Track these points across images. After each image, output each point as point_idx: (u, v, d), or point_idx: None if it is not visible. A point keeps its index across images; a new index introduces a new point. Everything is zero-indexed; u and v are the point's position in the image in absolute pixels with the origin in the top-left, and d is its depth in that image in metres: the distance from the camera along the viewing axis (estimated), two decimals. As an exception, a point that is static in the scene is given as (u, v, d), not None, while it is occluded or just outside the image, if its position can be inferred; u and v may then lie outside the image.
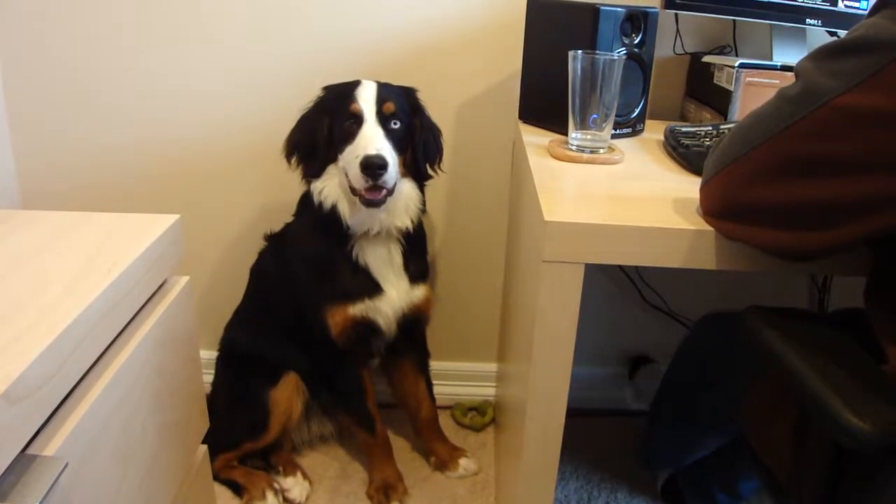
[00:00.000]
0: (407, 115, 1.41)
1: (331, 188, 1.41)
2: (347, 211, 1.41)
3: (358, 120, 1.35)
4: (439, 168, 1.49)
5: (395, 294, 1.50)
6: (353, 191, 1.36)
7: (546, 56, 1.39)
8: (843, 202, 0.78)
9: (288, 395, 1.60)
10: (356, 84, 1.38)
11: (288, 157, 1.44)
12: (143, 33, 1.63)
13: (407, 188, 1.44)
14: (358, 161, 1.30)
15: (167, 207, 1.73)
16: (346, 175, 1.36)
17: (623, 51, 1.34)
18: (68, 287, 0.77)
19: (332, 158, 1.40)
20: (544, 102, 1.44)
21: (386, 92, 1.38)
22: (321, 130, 1.39)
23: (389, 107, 1.37)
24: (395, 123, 1.38)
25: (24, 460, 0.63)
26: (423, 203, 1.48)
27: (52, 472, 0.63)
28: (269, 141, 1.66)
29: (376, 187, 1.32)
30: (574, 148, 1.24)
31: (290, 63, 1.66)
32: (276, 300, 1.60)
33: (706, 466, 1.51)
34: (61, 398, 0.70)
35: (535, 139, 1.36)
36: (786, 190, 0.81)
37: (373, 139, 1.32)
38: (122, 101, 1.69)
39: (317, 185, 1.42)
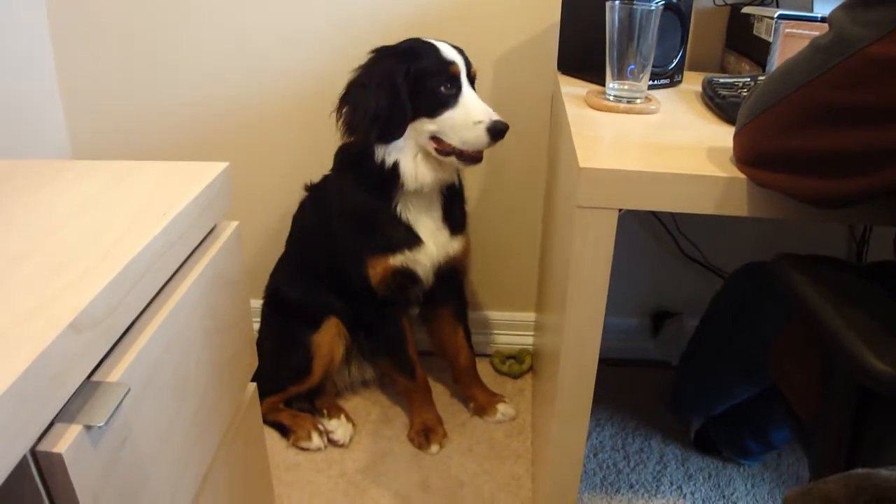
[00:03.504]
0: None
1: (396, 148, 1.43)
2: (409, 169, 1.44)
3: (455, 83, 1.38)
4: None
5: (434, 246, 1.54)
6: (445, 152, 1.41)
7: (584, 7, 1.39)
8: (873, 150, 0.79)
9: (330, 339, 1.65)
10: (432, 46, 1.40)
11: (366, 134, 1.40)
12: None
13: None
14: (483, 126, 1.35)
15: (212, 158, 1.78)
16: (440, 138, 1.40)
17: (661, 1, 1.33)
18: (127, 229, 0.81)
19: (411, 120, 1.41)
20: (582, 53, 1.44)
21: (465, 55, 1.42)
22: (403, 95, 1.38)
23: (474, 70, 1.42)
24: (474, 86, 1.43)
25: (89, 386, 0.68)
26: None
27: (115, 396, 0.68)
28: (313, 93, 1.70)
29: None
30: (611, 98, 1.25)
31: (332, 17, 1.67)
32: (315, 250, 1.64)
33: (738, 415, 1.53)
34: (123, 330, 0.75)
35: (573, 90, 1.37)
36: (816, 138, 0.82)
37: (483, 105, 1.38)
38: (169, 55, 1.73)
39: (381, 145, 1.43)
